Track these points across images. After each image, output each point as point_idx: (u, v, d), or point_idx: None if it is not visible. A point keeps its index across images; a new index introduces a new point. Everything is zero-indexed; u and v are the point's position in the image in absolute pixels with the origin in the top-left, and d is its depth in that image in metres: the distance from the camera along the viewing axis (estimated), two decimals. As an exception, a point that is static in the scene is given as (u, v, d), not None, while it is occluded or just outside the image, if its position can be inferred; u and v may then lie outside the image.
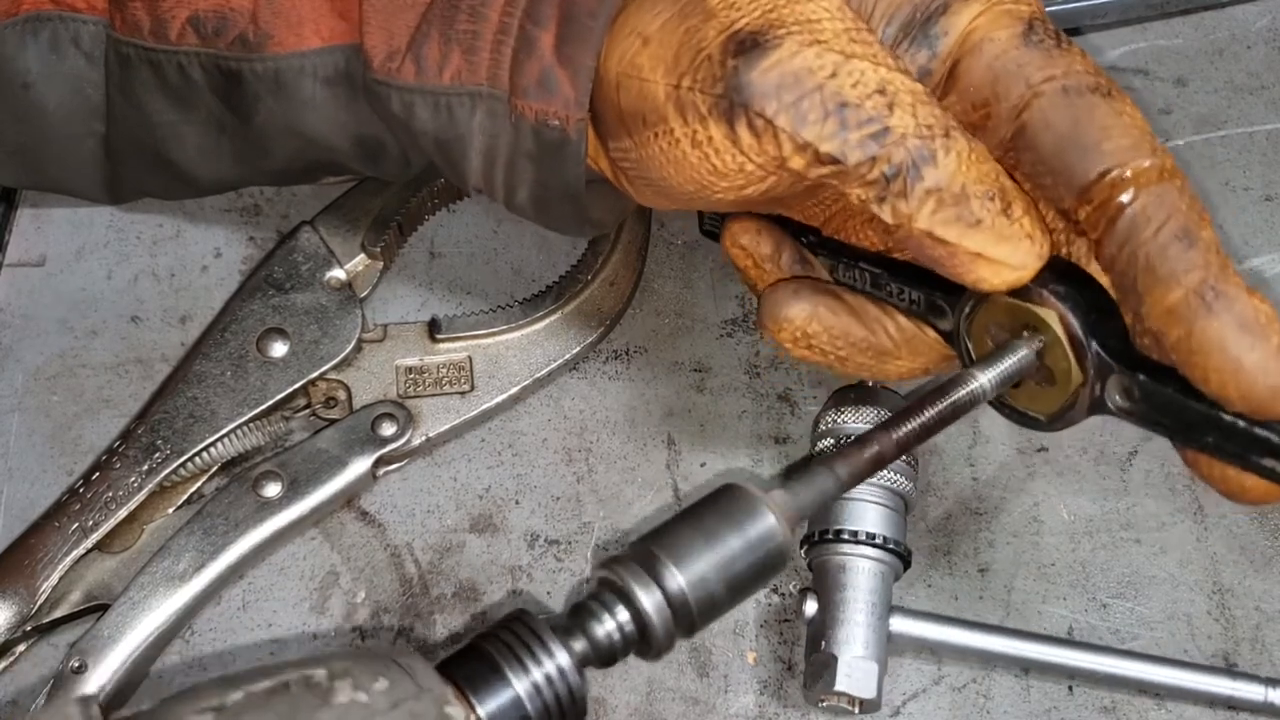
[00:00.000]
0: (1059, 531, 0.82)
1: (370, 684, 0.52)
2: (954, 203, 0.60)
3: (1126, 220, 0.59)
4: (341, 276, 0.85)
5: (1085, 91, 0.61)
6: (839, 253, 0.68)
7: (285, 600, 0.80)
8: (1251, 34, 0.98)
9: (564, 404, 0.85)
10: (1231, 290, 0.58)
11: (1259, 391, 0.57)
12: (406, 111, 0.67)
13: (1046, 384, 0.63)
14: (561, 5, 0.65)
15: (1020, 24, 0.62)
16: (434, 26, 0.66)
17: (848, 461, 0.59)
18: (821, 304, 0.68)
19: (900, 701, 0.77)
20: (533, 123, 0.65)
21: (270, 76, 0.69)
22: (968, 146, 0.60)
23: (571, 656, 0.55)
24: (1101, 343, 0.60)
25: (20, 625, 0.76)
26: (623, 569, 0.56)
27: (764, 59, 0.60)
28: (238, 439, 0.80)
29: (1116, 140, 0.60)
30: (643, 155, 0.64)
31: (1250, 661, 0.78)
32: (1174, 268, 0.58)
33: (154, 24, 0.69)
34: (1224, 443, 0.59)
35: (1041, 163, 0.61)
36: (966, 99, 0.63)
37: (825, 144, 0.60)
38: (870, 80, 0.60)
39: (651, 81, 0.62)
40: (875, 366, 0.70)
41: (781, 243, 0.71)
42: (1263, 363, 0.57)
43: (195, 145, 0.73)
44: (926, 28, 0.63)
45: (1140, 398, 0.60)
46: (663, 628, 0.56)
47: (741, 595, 0.58)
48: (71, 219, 0.90)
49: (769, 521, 0.57)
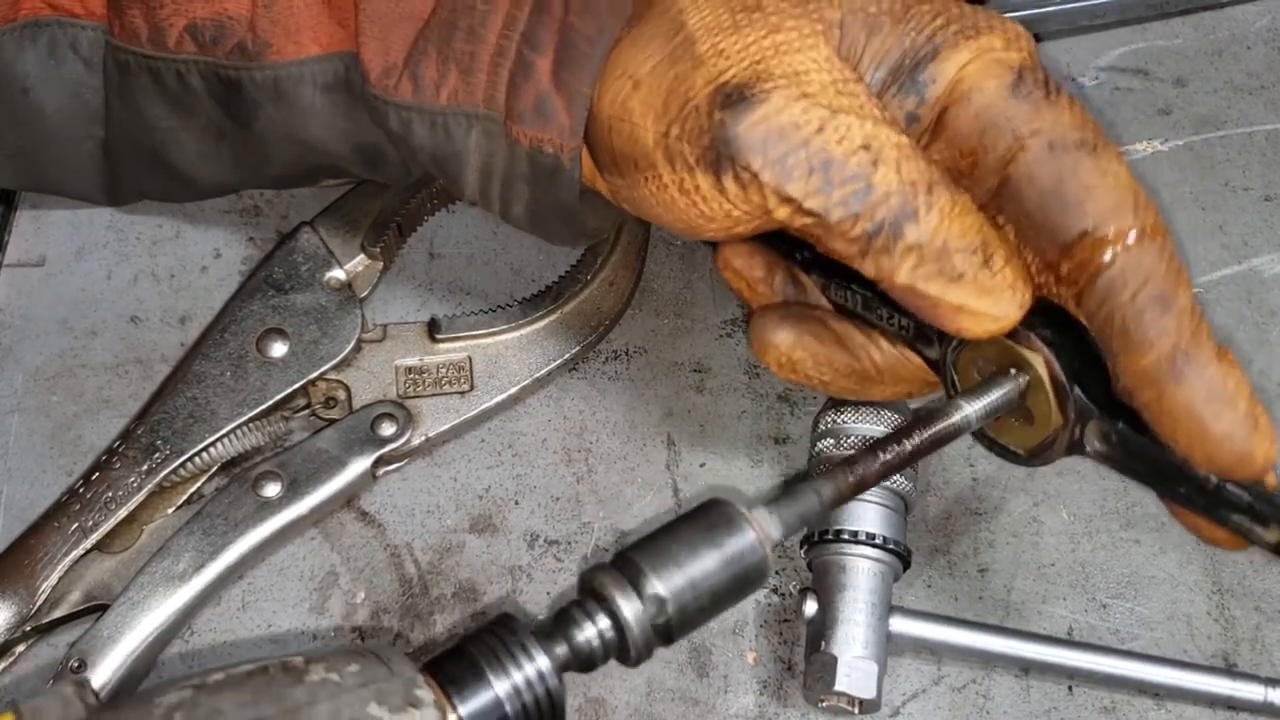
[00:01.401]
0: (1059, 531, 0.82)
1: (344, 667, 0.54)
2: (935, 258, 0.60)
3: (1105, 281, 0.60)
4: (341, 277, 0.85)
5: (1071, 148, 0.61)
6: (832, 272, 0.69)
7: (285, 600, 0.80)
8: (1251, 34, 0.98)
9: (564, 404, 0.85)
10: (1203, 357, 0.59)
11: (1224, 457, 0.59)
12: (404, 128, 0.67)
13: (1026, 422, 0.64)
14: (560, 31, 0.65)
15: (1009, 74, 0.62)
16: (431, 44, 0.66)
17: (832, 483, 0.61)
18: (807, 331, 0.69)
19: (900, 701, 0.77)
20: (527, 149, 0.66)
21: (269, 84, 0.69)
22: (951, 201, 0.60)
23: (552, 661, 0.56)
24: (1084, 388, 0.62)
25: (20, 625, 0.76)
26: (605, 577, 0.58)
27: (750, 113, 0.60)
28: (237, 439, 0.80)
29: (1098, 201, 0.60)
30: (634, 195, 0.65)
31: (1250, 661, 0.78)
32: (1147, 333, 0.59)
33: (152, 31, 0.69)
34: (1196, 496, 0.60)
35: (1025, 216, 0.62)
36: (954, 147, 0.63)
37: (809, 200, 0.60)
38: (856, 136, 0.60)
39: (641, 127, 0.63)
40: (859, 390, 0.71)
41: (774, 265, 0.71)
42: (1229, 430, 0.59)
43: (194, 150, 0.73)
44: (915, 74, 0.63)
45: (1117, 444, 0.62)
46: (641, 635, 0.57)
47: (720, 608, 0.59)
48: (71, 220, 0.90)
49: (749, 538, 0.59)
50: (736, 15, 0.62)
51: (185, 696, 0.52)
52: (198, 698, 0.52)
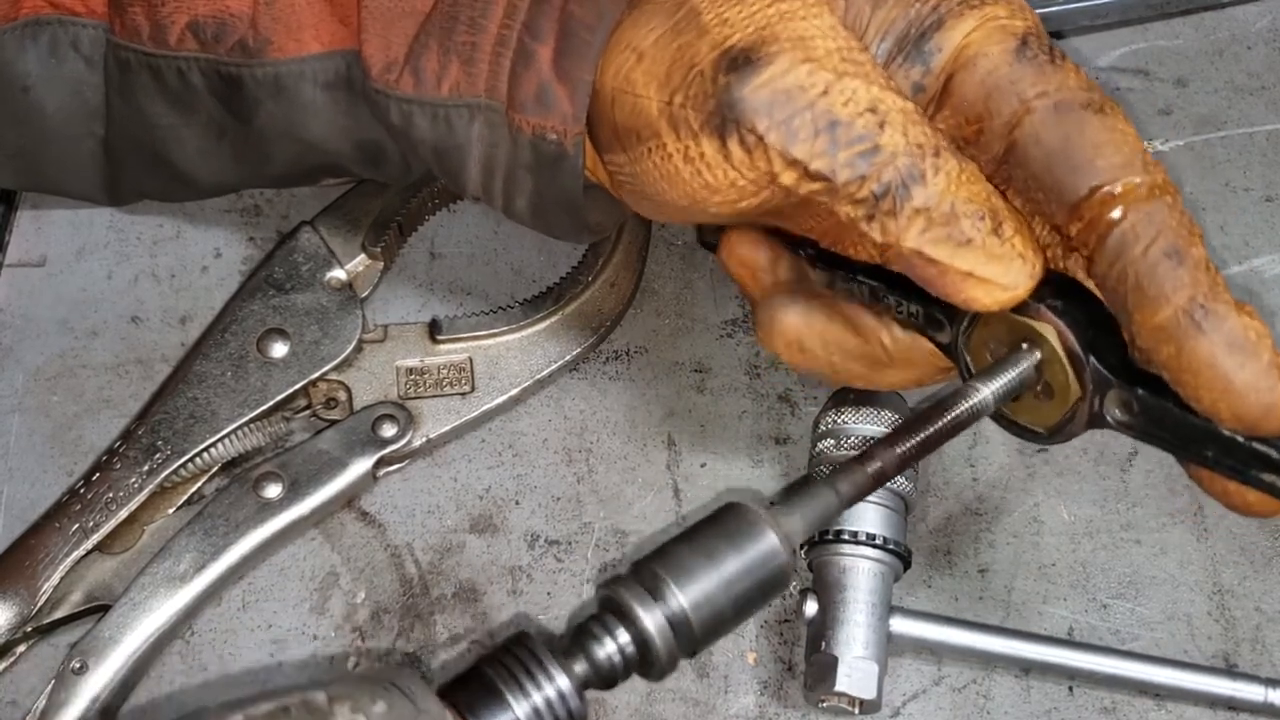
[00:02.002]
0: (1059, 532, 0.82)
1: (369, 706, 0.52)
2: (943, 222, 0.60)
3: (1116, 238, 0.59)
4: (342, 277, 0.85)
5: (1077, 107, 0.61)
6: (837, 266, 0.68)
7: (285, 601, 0.80)
8: (1251, 34, 0.98)
9: (564, 404, 0.85)
10: (1221, 308, 0.58)
11: (1250, 409, 0.57)
12: (405, 121, 0.67)
13: (1045, 398, 0.63)
14: (560, 19, 0.65)
15: (1014, 40, 0.62)
16: (432, 37, 0.66)
17: (849, 478, 0.59)
18: (816, 312, 0.68)
19: (900, 702, 0.77)
20: (530, 136, 0.65)
21: (270, 82, 0.69)
22: (958, 166, 0.60)
23: (572, 680, 0.55)
24: (1100, 357, 0.61)
25: (21, 626, 0.76)
26: (624, 589, 0.56)
27: (756, 76, 0.60)
28: (238, 439, 0.80)
29: (1107, 157, 0.60)
30: (637, 170, 0.64)
31: (1250, 662, 0.78)
32: (1162, 286, 0.58)
33: (153, 29, 0.69)
34: (1223, 457, 0.59)
35: (1033, 179, 0.61)
36: (960, 114, 0.63)
37: (815, 161, 0.60)
38: (862, 99, 0.60)
39: (645, 98, 0.62)
40: (870, 376, 0.70)
41: (778, 254, 0.70)
42: (1253, 381, 0.57)
43: (195, 148, 0.73)
44: (921, 43, 0.63)
45: (1139, 412, 0.60)
46: (665, 648, 0.56)
47: (744, 614, 0.58)
48: (72, 220, 0.90)
49: (771, 541, 0.57)
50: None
51: None
52: None
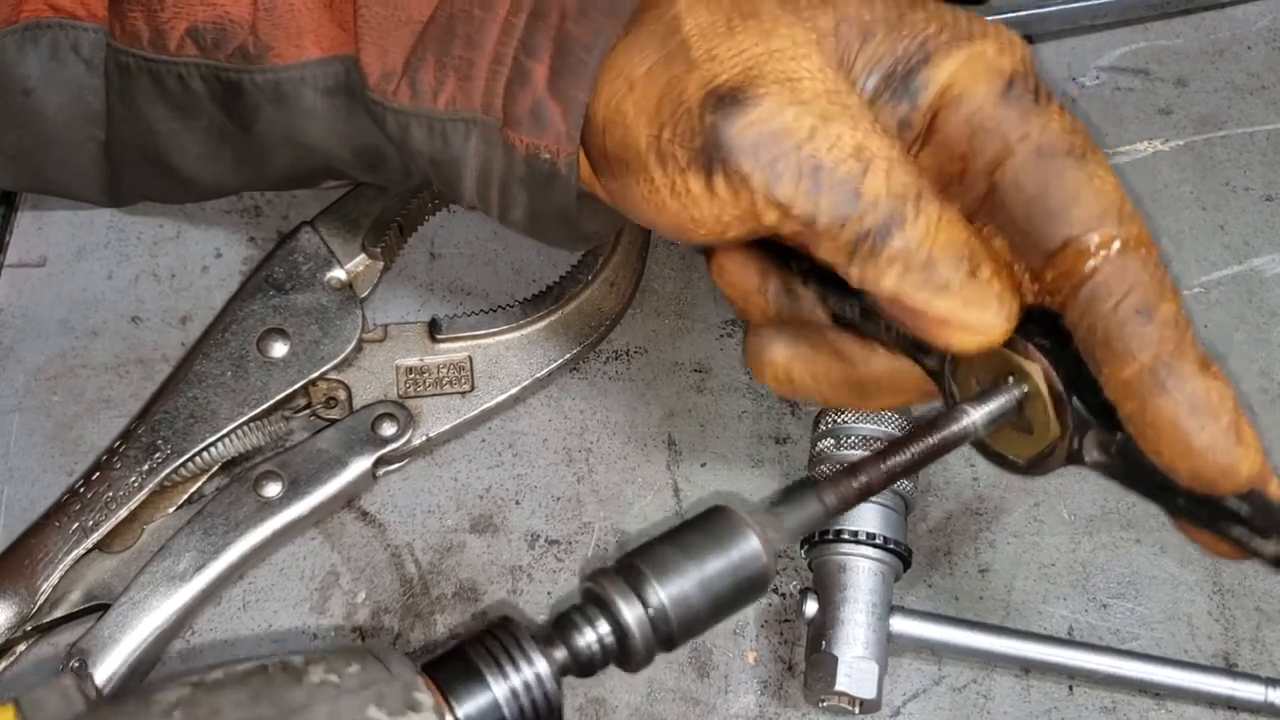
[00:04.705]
0: (1059, 531, 0.82)
1: (344, 668, 0.54)
2: (921, 267, 0.60)
3: (1088, 290, 0.59)
4: (342, 277, 0.85)
5: (1058, 154, 0.61)
6: (829, 282, 0.68)
7: (285, 600, 0.80)
8: (1252, 34, 0.98)
9: (564, 404, 0.85)
10: (1186, 368, 0.58)
11: (1207, 470, 0.58)
12: (402, 132, 0.67)
13: (1025, 432, 0.63)
14: (556, 38, 0.65)
15: (1000, 80, 0.62)
16: (430, 50, 0.66)
17: (836, 490, 0.60)
18: (803, 345, 0.69)
19: (900, 702, 0.77)
20: (524, 154, 0.66)
21: (270, 87, 0.69)
22: (938, 211, 0.60)
23: (551, 665, 0.56)
24: (1083, 398, 0.61)
25: (20, 625, 0.76)
26: (607, 581, 0.58)
27: (743, 116, 0.60)
28: (238, 439, 0.80)
29: (1085, 207, 0.60)
30: (626, 197, 0.64)
31: (1250, 661, 0.78)
32: (1129, 343, 0.58)
33: (153, 34, 0.69)
34: (1194, 508, 0.59)
35: (1011, 223, 0.61)
36: (944, 152, 0.63)
37: (798, 205, 0.60)
38: (846, 143, 0.60)
39: (634, 129, 0.62)
40: (857, 402, 0.71)
41: (768, 275, 0.70)
42: (1211, 443, 0.57)
43: (196, 153, 0.73)
44: (908, 80, 0.63)
45: (1117, 455, 0.61)
46: (642, 641, 0.57)
47: (721, 615, 0.59)
48: (72, 220, 0.90)
49: (753, 545, 0.58)
50: (732, 21, 0.62)
51: (184, 694, 0.52)
52: (196, 695, 0.52)
